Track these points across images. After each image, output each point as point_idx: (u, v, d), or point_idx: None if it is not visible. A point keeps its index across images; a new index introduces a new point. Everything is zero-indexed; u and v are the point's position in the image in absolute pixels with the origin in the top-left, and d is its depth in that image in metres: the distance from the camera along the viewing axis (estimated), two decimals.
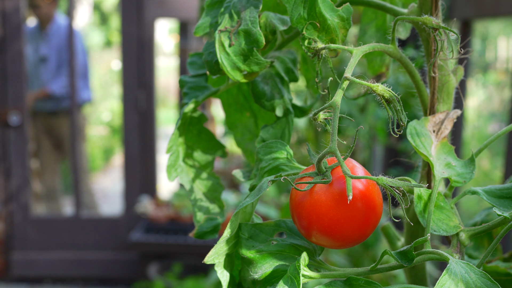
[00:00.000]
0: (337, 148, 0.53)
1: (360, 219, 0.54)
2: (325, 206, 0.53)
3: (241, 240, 0.59)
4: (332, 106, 0.52)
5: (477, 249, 0.78)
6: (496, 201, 0.56)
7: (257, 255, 0.57)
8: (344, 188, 0.53)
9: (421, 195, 0.57)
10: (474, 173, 0.59)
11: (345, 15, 0.63)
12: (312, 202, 0.54)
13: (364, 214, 0.54)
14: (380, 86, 0.52)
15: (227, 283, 0.58)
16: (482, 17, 2.97)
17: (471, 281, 0.48)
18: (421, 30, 0.67)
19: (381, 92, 0.52)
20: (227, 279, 0.58)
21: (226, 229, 0.57)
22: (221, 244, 0.57)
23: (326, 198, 0.53)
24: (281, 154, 0.62)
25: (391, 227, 0.78)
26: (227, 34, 0.67)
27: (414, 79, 0.67)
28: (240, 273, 0.60)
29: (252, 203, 0.60)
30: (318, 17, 0.63)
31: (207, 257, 0.57)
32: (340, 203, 0.53)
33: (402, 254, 0.54)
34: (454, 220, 0.57)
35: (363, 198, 0.53)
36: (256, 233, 0.59)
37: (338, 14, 0.63)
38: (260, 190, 0.58)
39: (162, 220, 4.26)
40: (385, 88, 0.52)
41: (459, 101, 0.70)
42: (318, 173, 0.55)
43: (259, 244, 0.58)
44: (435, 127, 0.63)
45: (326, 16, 0.63)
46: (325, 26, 0.63)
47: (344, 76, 0.52)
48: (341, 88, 0.52)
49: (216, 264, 0.57)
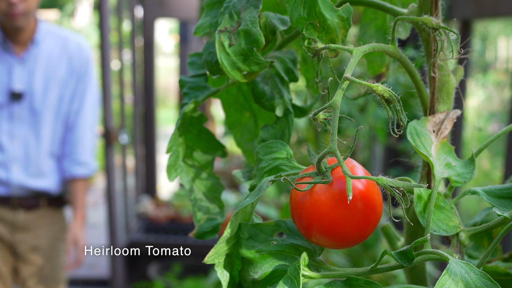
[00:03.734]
0: (337, 148, 0.53)
1: (360, 219, 0.54)
2: (325, 206, 0.53)
3: (241, 240, 0.59)
4: (332, 106, 0.52)
5: (477, 249, 0.78)
6: (496, 201, 0.56)
7: (257, 255, 0.57)
8: (344, 188, 0.53)
9: (421, 195, 0.57)
10: (474, 173, 0.59)
11: (345, 15, 0.63)
12: (312, 202, 0.54)
13: (364, 214, 0.54)
14: (380, 86, 0.52)
15: (227, 283, 0.58)
16: (482, 17, 2.97)
17: (471, 281, 0.48)
18: (421, 30, 0.67)
19: (381, 92, 0.52)
20: (227, 279, 0.58)
21: (226, 229, 0.57)
22: (221, 244, 0.57)
23: (326, 198, 0.53)
24: (281, 154, 0.62)
25: (391, 227, 0.78)
26: (227, 34, 0.67)
27: (414, 79, 0.67)
28: (240, 273, 0.60)
29: (252, 203, 0.60)
30: (318, 17, 0.63)
31: (207, 257, 0.57)
32: (340, 203, 0.53)
33: (402, 254, 0.54)
34: (454, 220, 0.57)
35: (363, 198, 0.53)
36: (256, 233, 0.59)
37: (338, 14, 0.63)
38: (260, 190, 0.58)
39: (162, 220, 4.26)
40: (385, 88, 0.52)
41: (459, 101, 0.70)
42: (318, 173, 0.55)
43: (259, 244, 0.58)
44: (435, 127, 0.63)
45: (326, 16, 0.63)
46: (325, 26, 0.63)
47: (344, 76, 0.52)
48: (341, 88, 0.52)
49: (216, 264, 0.57)
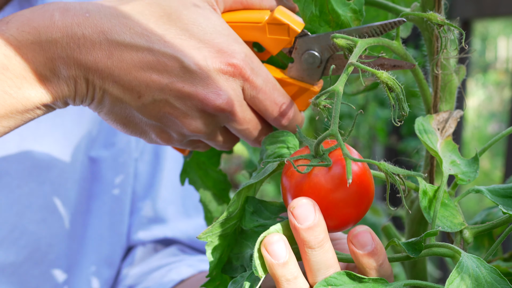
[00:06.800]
0: None
1: (356, 202, 0.54)
2: (325, 189, 0.53)
3: (245, 213, 0.59)
4: (335, 90, 0.51)
5: (477, 249, 0.78)
6: (500, 200, 0.56)
7: (260, 229, 0.57)
8: (342, 172, 0.53)
9: (426, 190, 0.57)
10: (478, 172, 0.60)
11: (357, 7, 0.63)
12: (311, 185, 0.53)
13: (361, 196, 0.54)
14: (384, 73, 0.52)
15: (214, 264, 0.59)
16: (482, 17, 2.97)
17: (482, 276, 0.48)
18: (424, 30, 0.67)
19: (385, 79, 0.52)
20: (215, 261, 0.58)
21: (227, 209, 0.57)
22: (218, 224, 0.57)
23: (326, 181, 0.53)
24: (288, 143, 0.62)
25: (392, 227, 0.78)
26: None
27: (417, 78, 0.67)
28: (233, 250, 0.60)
29: (255, 185, 0.60)
30: (331, 13, 0.63)
31: (202, 233, 0.57)
32: (339, 186, 0.53)
33: (410, 245, 0.54)
34: (458, 217, 0.57)
35: (359, 181, 0.53)
36: (261, 209, 0.59)
37: (351, 8, 0.63)
38: (265, 172, 0.57)
39: None
40: (389, 75, 0.52)
41: (460, 100, 0.70)
42: (315, 155, 0.55)
43: (263, 220, 0.58)
44: (439, 125, 0.63)
45: (339, 12, 0.63)
46: (339, 21, 0.63)
47: (348, 62, 0.52)
48: (345, 73, 0.52)
49: (208, 243, 0.57)
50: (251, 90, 0.61)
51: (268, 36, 0.63)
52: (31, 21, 0.57)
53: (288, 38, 0.63)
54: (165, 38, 0.58)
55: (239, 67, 0.59)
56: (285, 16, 0.63)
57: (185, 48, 0.58)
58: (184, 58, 0.58)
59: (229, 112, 0.61)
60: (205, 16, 0.60)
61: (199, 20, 0.59)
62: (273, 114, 0.63)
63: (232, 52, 0.60)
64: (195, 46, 0.59)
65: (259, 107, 0.63)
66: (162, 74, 0.58)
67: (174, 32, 0.59)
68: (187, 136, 0.64)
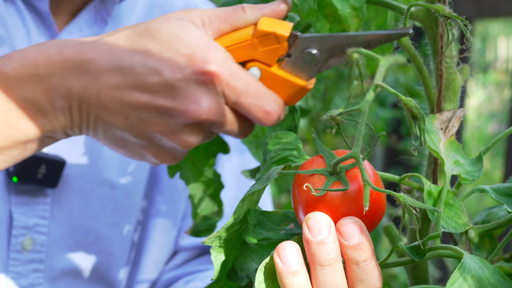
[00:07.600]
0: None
1: (369, 223, 0.54)
2: (340, 211, 0.52)
3: (248, 225, 0.58)
4: (361, 110, 0.51)
5: (478, 249, 0.78)
6: (505, 199, 0.56)
7: (264, 243, 0.57)
8: (359, 194, 0.52)
9: (431, 191, 0.57)
10: (482, 171, 0.59)
11: (357, 4, 0.63)
12: (326, 206, 0.53)
13: (374, 218, 0.54)
14: (412, 101, 0.51)
15: (219, 267, 0.58)
16: (482, 17, 2.97)
17: (485, 277, 0.48)
18: (428, 28, 0.67)
19: (411, 107, 0.51)
20: (219, 263, 0.58)
21: (232, 215, 0.57)
22: (223, 229, 0.56)
23: (341, 203, 0.53)
24: (291, 145, 0.62)
25: (393, 228, 0.77)
26: None
27: (422, 75, 0.67)
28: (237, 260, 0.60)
29: (259, 191, 0.60)
30: (329, 7, 0.63)
31: (207, 239, 0.56)
32: (354, 210, 0.52)
33: (413, 249, 0.53)
34: (463, 217, 0.56)
35: (375, 204, 0.53)
36: (263, 220, 0.59)
37: (350, 4, 0.63)
38: (269, 178, 0.57)
39: None
40: (416, 104, 0.51)
41: (462, 100, 0.70)
42: (332, 173, 0.54)
43: (266, 232, 0.58)
44: (442, 124, 0.63)
45: (337, 7, 0.63)
46: (336, 16, 0.63)
47: (375, 83, 0.51)
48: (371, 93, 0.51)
49: (213, 247, 0.57)
50: (232, 94, 0.61)
51: (260, 50, 0.63)
52: (31, 55, 0.60)
53: (279, 45, 0.63)
54: (145, 54, 0.59)
55: (216, 73, 0.59)
56: (269, 25, 0.63)
57: (162, 61, 0.59)
58: (164, 71, 0.59)
59: (212, 120, 0.61)
60: (184, 28, 0.60)
61: (177, 31, 0.60)
62: (257, 116, 0.63)
63: (209, 59, 0.59)
64: (172, 58, 0.59)
65: (243, 111, 0.63)
66: (144, 92, 0.59)
67: (153, 45, 0.60)
68: (183, 152, 0.64)
